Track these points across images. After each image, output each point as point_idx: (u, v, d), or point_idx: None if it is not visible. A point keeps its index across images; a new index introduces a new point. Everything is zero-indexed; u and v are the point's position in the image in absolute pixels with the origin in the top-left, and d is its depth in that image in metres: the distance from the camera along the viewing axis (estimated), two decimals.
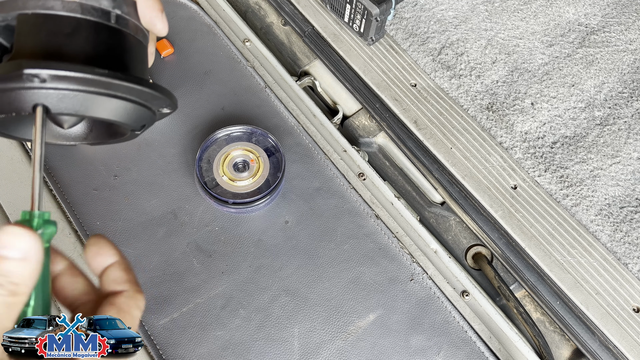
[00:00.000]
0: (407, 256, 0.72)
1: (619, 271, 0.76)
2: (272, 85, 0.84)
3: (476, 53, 0.95)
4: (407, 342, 0.67)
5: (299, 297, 0.69)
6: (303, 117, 0.82)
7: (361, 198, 0.76)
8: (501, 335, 0.69)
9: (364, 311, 0.69)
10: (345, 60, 0.92)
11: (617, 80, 0.93)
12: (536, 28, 0.99)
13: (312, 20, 0.95)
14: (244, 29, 0.90)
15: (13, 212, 0.72)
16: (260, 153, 0.74)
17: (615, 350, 0.71)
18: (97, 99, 0.38)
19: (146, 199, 0.74)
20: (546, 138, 0.87)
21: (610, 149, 0.86)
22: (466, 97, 0.90)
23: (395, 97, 0.88)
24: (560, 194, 0.82)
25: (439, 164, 0.83)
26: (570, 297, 0.74)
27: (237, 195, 0.72)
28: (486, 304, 0.71)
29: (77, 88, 0.37)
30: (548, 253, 0.76)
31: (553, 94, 0.91)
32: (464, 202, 0.81)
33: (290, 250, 0.72)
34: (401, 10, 0.99)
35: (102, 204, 0.73)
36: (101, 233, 0.71)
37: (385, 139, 0.88)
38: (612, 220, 0.80)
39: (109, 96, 0.38)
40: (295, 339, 0.67)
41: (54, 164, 0.75)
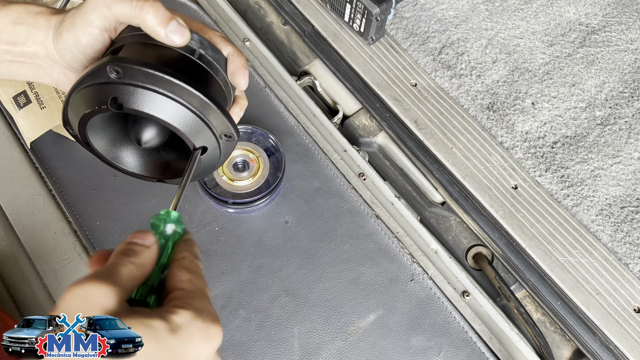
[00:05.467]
0: (407, 256, 0.72)
1: (619, 271, 0.76)
2: (272, 85, 0.84)
3: (477, 53, 0.95)
4: (407, 342, 0.67)
5: (299, 298, 0.69)
6: (303, 117, 0.82)
7: (361, 198, 0.75)
8: (502, 335, 0.69)
9: (364, 311, 0.68)
10: (345, 60, 0.91)
11: (617, 80, 0.93)
12: (537, 28, 0.98)
13: (312, 19, 0.95)
14: (244, 29, 0.90)
15: (13, 211, 0.72)
16: (260, 153, 0.74)
17: (616, 350, 0.71)
18: (160, 100, 0.44)
19: (145, 199, 0.73)
20: (547, 138, 0.87)
21: (611, 148, 0.86)
22: (467, 96, 0.90)
23: (395, 97, 0.88)
24: (561, 194, 0.82)
25: (440, 164, 0.83)
26: (571, 298, 0.74)
27: (237, 195, 0.71)
28: (487, 305, 0.70)
29: (145, 85, 0.43)
30: (549, 253, 0.76)
31: (554, 94, 0.91)
32: (465, 202, 0.81)
33: (290, 251, 0.71)
34: (401, 9, 0.99)
35: (101, 204, 0.73)
36: (100, 233, 0.71)
37: (386, 138, 0.88)
38: (612, 220, 0.80)
39: (169, 98, 0.44)
40: (295, 339, 0.67)
41: (54, 164, 0.75)
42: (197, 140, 0.46)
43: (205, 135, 0.46)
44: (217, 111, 0.45)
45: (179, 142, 0.53)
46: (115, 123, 0.51)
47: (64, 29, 0.47)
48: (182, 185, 0.45)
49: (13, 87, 0.72)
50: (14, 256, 0.71)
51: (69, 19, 0.47)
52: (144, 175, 0.54)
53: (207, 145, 0.47)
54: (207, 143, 0.47)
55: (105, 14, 0.45)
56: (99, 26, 0.46)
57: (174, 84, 0.43)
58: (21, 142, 0.76)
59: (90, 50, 0.47)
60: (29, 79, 0.51)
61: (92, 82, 0.44)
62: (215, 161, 0.50)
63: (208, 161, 0.49)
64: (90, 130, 0.48)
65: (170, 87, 0.43)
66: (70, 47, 0.47)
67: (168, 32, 0.44)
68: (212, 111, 0.45)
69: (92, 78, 0.44)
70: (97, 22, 0.46)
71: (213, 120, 0.46)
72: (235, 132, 0.48)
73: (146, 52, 0.46)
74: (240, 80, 0.51)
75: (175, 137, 0.52)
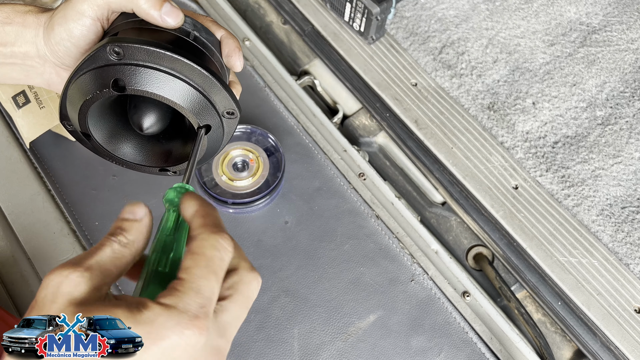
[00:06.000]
0: (407, 257, 0.72)
1: (620, 272, 0.76)
2: (272, 85, 0.84)
3: (477, 52, 0.95)
4: (407, 343, 0.67)
5: (298, 298, 0.69)
6: (303, 116, 0.81)
7: (361, 198, 0.75)
8: (502, 336, 0.69)
9: (364, 312, 0.68)
10: (345, 60, 0.91)
11: (618, 80, 0.93)
12: (537, 27, 0.98)
13: (312, 19, 0.94)
14: (244, 28, 0.90)
15: (12, 211, 0.72)
16: (259, 153, 0.74)
17: (616, 351, 0.71)
18: (164, 78, 0.43)
19: (145, 199, 0.73)
20: (547, 138, 0.87)
21: (611, 148, 0.86)
22: (467, 96, 0.90)
23: (395, 97, 0.88)
24: (562, 194, 0.82)
25: (440, 164, 0.83)
26: (572, 298, 0.73)
27: (237, 195, 0.71)
28: (487, 305, 0.70)
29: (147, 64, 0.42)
30: (549, 253, 0.76)
31: (554, 94, 0.91)
32: (465, 202, 0.80)
33: (290, 251, 0.71)
34: (402, 9, 0.98)
35: (101, 204, 0.73)
36: (100, 233, 0.71)
37: (386, 138, 0.87)
38: (613, 220, 0.80)
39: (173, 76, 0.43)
40: (295, 340, 0.66)
41: (53, 164, 0.75)
42: (201, 118, 0.46)
43: (208, 113, 0.46)
44: (220, 87, 0.45)
45: (179, 128, 0.52)
46: (114, 112, 0.50)
47: (56, 22, 0.46)
48: (191, 165, 0.44)
49: (12, 86, 0.72)
50: (13, 256, 0.71)
51: (60, 12, 0.46)
52: (145, 165, 0.53)
53: (210, 124, 0.47)
54: (210, 121, 0.46)
55: (97, 3, 0.45)
56: (92, 16, 0.45)
57: (178, 60, 0.43)
58: (20, 142, 0.76)
59: (84, 43, 0.47)
60: (20, 81, 0.51)
61: (91, 67, 0.43)
62: (219, 141, 0.49)
63: (212, 142, 0.48)
64: (90, 121, 0.47)
65: (173, 64, 0.43)
66: (62, 40, 0.46)
67: (162, 14, 0.44)
68: (215, 87, 0.45)
69: (91, 62, 0.43)
70: (89, 12, 0.45)
71: (215, 97, 0.46)
72: (237, 108, 0.47)
73: (143, 35, 0.45)
74: (235, 62, 0.51)
75: (175, 123, 0.51)
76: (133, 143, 0.52)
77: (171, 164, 0.52)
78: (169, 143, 0.53)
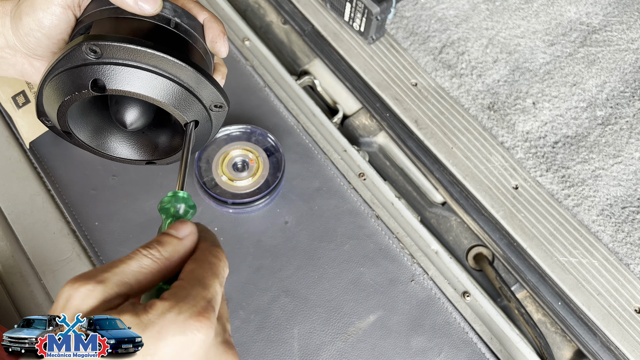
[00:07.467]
0: (407, 257, 0.72)
1: (620, 272, 0.76)
2: (272, 85, 0.84)
3: (477, 52, 0.95)
4: (407, 343, 0.67)
5: (298, 298, 0.68)
6: (303, 116, 0.81)
7: (361, 198, 0.75)
8: (502, 336, 0.69)
9: (364, 312, 0.68)
10: (345, 60, 0.91)
11: (618, 80, 0.93)
12: (537, 27, 0.98)
13: (312, 19, 0.94)
14: (243, 28, 0.90)
15: (11, 211, 0.72)
16: (259, 153, 0.74)
17: (616, 351, 0.71)
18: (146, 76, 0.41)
19: (145, 199, 0.73)
20: (548, 138, 0.87)
21: (612, 148, 0.86)
22: (467, 96, 0.90)
23: (395, 97, 0.88)
24: (562, 194, 0.81)
25: (440, 164, 0.83)
26: (572, 298, 0.73)
27: (237, 196, 0.71)
28: (487, 305, 0.70)
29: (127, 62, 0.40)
30: (549, 253, 0.76)
31: (554, 94, 0.91)
32: (465, 202, 0.80)
33: (290, 251, 0.71)
34: (402, 9, 0.98)
35: (100, 204, 0.73)
36: (99, 233, 0.71)
37: (386, 138, 0.87)
38: (613, 220, 0.80)
39: (153, 72, 0.41)
40: (295, 340, 0.66)
41: (53, 164, 0.75)
42: (187, 114, 0.44)
43: (195, 109, 0.44)
44: (206, 81, 0.43)
45: (165, 118, 0.50)
46: (96, 108, 0.48)
47: (23, 12, 0.43)
48: (183, 165, 0.42)
49: (12, 86, 0.72)
50: (12, 256, 0.71)
51: (27, 0, 0.43)
52: (132, 160, 0.51)
53: (198, 119, 0.45)
54: (197, 116, 0.45)
55: None
56: (61, 3, 0.43)
57: (159, 57, 0.40)
58: (20, 142, 0.76)
59: (55, 32, 0.44)
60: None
61: (67, 66, 0.40)
62: (207, 134, 0.48)
63: (200, 135, 0.47)
64: (70, 119, 0.45)
65: (154, 61, 0.41)
66: (32, 31, 0.43)
67: (138, 1, 0.42)
68: (201, 82, 0.43)
69: (66, 61, 0.40)
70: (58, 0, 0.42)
71: (202, 91, 0.44)
72: (225, 101, 0.46)
73: (120, 27, 0.42)
74: (220, 48, 0.48)
75: (160, 114, 0.49)
76: (117, 138, 0.50)
77: (157, 157, 0.51)
78: (155, 135, 0.51)
